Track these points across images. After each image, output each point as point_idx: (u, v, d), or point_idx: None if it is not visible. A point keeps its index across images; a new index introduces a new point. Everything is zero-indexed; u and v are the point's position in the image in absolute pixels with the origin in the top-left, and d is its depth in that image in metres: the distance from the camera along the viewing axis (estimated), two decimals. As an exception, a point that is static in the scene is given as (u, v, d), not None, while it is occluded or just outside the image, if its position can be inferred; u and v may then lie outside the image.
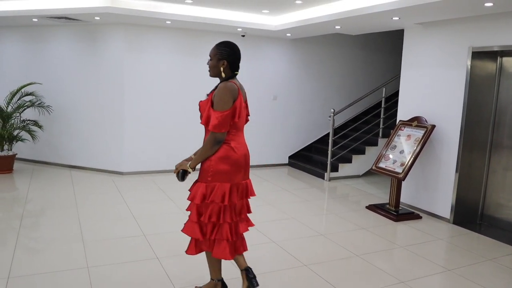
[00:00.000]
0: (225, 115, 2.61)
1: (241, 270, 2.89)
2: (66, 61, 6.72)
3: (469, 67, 4.63)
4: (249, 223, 3.08)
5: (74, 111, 6.76)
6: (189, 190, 2.82)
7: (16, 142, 6.59)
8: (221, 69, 2.71)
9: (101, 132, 6.65)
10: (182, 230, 2.83)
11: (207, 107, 2.70)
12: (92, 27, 6.47)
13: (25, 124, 6.59)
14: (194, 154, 2.84)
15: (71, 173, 6.58)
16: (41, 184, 5.88)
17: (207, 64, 2.77)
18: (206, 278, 3.28)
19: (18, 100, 6.57)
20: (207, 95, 2.77)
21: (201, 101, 2.75)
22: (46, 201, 5.13)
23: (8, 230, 4.13)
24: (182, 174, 2.80)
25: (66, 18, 5.91)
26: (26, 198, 5.21)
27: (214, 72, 2.75)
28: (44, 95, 6.78)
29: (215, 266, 2.99)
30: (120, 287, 3.08)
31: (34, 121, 6.67)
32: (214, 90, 2.72)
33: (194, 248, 2.84)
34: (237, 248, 2.89)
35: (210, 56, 2.74)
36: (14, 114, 6.51)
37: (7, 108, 6.46)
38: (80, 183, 6.01)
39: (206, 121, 2.69)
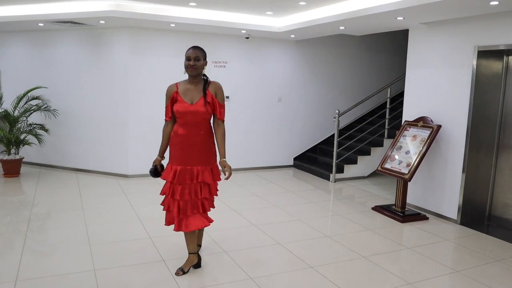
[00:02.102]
0: None
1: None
2: (71, 65, 6.76)
3: (475, 66, 4.60)
4: None
5: (80, 115, 6.80)
6: (197, 180, 3.15)
7: (23, 146, 6.63)
8: (204, 68, 3.16)
9: (106, 135, 6.68)
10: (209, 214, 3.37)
11: (216, 102, 3.15)
12: (97, 31, 6.50)
13: (31, 128, 6.64)
14: (160, 155, 3.33)
15: (77, 176, 6.61)
16: (48, 187, 5.91)
17: (192, 64, 3.07)
18: (212, 279, 3.28)
19: (24, 104, 6.62)
20: (205, 95, 3.11)
21: (208, 102, 3.12)
22: (52, 204, 5.16)
23: (15, 233, 4.16)
24: (155, 171, 3.32)
25: (71, 22, 5.95)
26: (33, 202, 5.24)
27: (199, 71, 3.13)
28: (50, 99, 6.83)
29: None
30: (126, 289, 3.09)
31: (40, 125, 6.72)
32: (206, 88, 3.13)
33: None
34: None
35: (196, 57, 3.08)
36: (21, 118, 6.56)
37: (14, 112, 6.51)
38: (86, 186, 6.04)
39: (222, 115, 3.22)
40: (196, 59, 3.07)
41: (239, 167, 7.39)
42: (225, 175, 3.23)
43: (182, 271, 3.34)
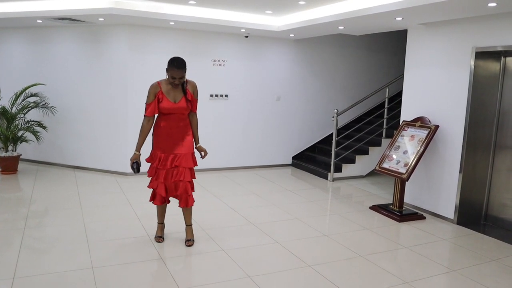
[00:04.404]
0: None
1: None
2: (70, 62, 6.75)
3: (473, 67, 4.62)
4: None
5: (78, 112, 6.79)
6: (175, 165, 3.66)
7: (21, 143, 6.62)
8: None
9: (105, 133, 6.68)
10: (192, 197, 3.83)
11: (194, 99, 3.72)
12: (96, 28, 6.49)
13: (29, 125, 6.62)
14: (139, 150, 3.77)
15: (75, 173, 6.61)
16: (46, 184, 5.91)
17: (177, 83, 3.54)
18: (210, 277, 3.29)
19: (22, 101, 6.61)
20: (185, 94, 3.65)
21: (188, 101, 3.66)
22: (50, 202, 5.16)
23: (13, 230, 4.16)
24: (137, 166, 3.71)
25: (70, 19, 5.94)
26: (30, 199, 5.23)
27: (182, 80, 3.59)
28: (48, 96, 6.81)
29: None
30: (124, 287, 3.09)
31: (38, 122, 6.71)
32: (186, 87, 3.64)
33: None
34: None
35: (181, 76, 3.53)
36: (19, 115, 6.54)
37: (11, 109, 6.50)
38: (84, 183, 6.04)
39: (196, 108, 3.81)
40: (180, 79, 3.54)
41: (238, 166, 7.40)
42: (202, 156, 3.87)
43: (161, 238, 3.97)
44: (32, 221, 4.43)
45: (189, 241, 3.90)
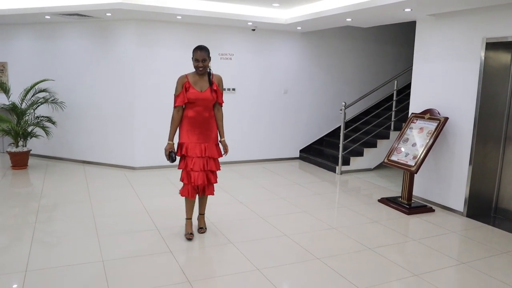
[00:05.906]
0: None
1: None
2: (78, 57, 6.78)
3: (483, 58, 4.56)
4: None
5: (87, 107, 6.84)
6: (205, 154, 3.74)
7: (31, 138, 6.69)
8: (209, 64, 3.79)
9: (113, 128, 6.72)
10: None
11: (219, 90, 3.83)
12: (104, 24, 6.51)
13: (39, 120, 6.68)
14: (172, 139, 3.80)
15: (85, 168, 6.66)
16: (55, 179, 5.96)
17: (201, 66, 3.68)
18: (219, 270, 3.31)
19: (32, 97, 6.66)
20: (210, 85, 3.77)
21: (215, 90, 3.79)
22: (60, 196, 5.21)
23: (24, 224, 4.21)
24: (173, 155, 3.77)
25: (78, 14, 5.96)
26: (41, 193, 5.29)
27: (207, 69, 3.76)
28: (57, 92, 6.86)
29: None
30: (134, 280, 3.12)
31: (47, 117, 6.76)
32: (211, 79, 3.78)
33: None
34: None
35: (204, 58, 3.67)
36: (28, 111, 6.60)
37: (21, 105, 6.56)
38: (93, 178, 6.09)
39: (222, 100, 3.89)
40: (203, 61, 3.68)
41: (245, 159, 7.41)
42: (224, 152, 3.91)
43: (192, 235, 3.90)
44: (43, 215, 4.48)
45: (202, 229, 4.06)
